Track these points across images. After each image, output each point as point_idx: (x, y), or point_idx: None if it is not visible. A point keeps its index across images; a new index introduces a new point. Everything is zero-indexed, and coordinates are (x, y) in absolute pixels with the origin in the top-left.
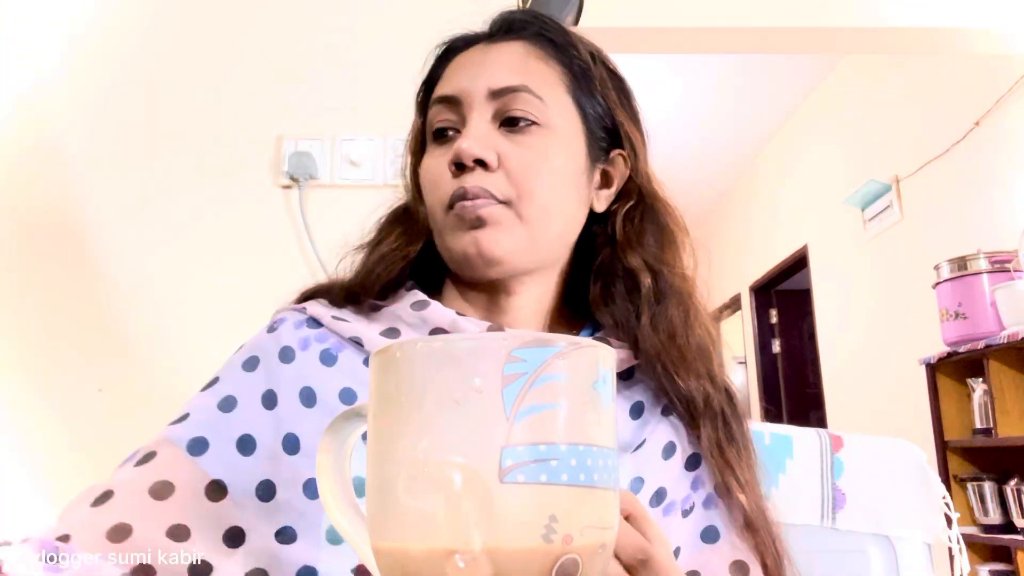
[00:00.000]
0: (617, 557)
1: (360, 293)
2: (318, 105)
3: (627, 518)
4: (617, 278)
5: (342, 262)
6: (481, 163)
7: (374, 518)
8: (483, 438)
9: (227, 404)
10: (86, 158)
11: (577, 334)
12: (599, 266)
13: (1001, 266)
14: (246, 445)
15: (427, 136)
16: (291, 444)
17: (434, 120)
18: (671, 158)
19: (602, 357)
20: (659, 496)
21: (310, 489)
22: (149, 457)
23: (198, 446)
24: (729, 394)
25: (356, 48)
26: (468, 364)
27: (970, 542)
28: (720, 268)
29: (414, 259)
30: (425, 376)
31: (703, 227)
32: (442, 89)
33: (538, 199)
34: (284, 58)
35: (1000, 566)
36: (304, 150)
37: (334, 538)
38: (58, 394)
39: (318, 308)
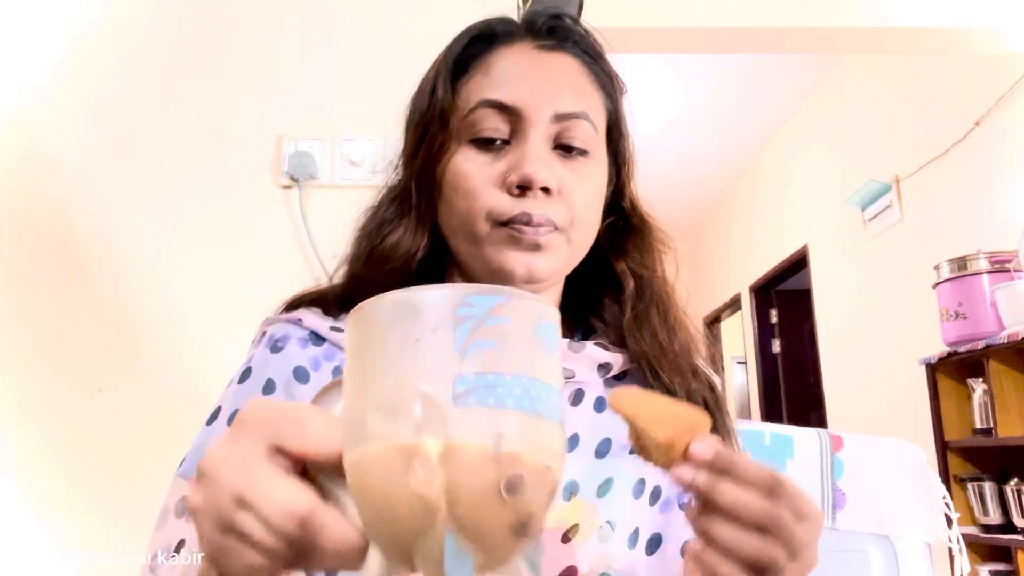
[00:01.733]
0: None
1: (354, 303)
2: (318, 105)
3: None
4: (604, 282)
5: (338, 269)
6: (544, 188)
7: (344, 446)
8: (439, 369)
9: None
10: (86, 158)
11: (571, 337)
12: (587, 272)
13: (1001, 266)
14: None
15: (457, 128)
16: None
17: (480, 123)
18: (672, 158)
19: (545, 311)
20: (655, 495)
21: None
22: None
23: None
24: (711, 387)
25: (356, 48)
26: (426, 310)
27: (970, 542)
28: (720, 268)
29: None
30: (390, 322)
31: (703, 227)
32: (496, 93)
33: (586, 226)
34: (284, 58)
35: (1000, 566)
36: (304, 150)
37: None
38: (58, 394)
39: (314, 319)
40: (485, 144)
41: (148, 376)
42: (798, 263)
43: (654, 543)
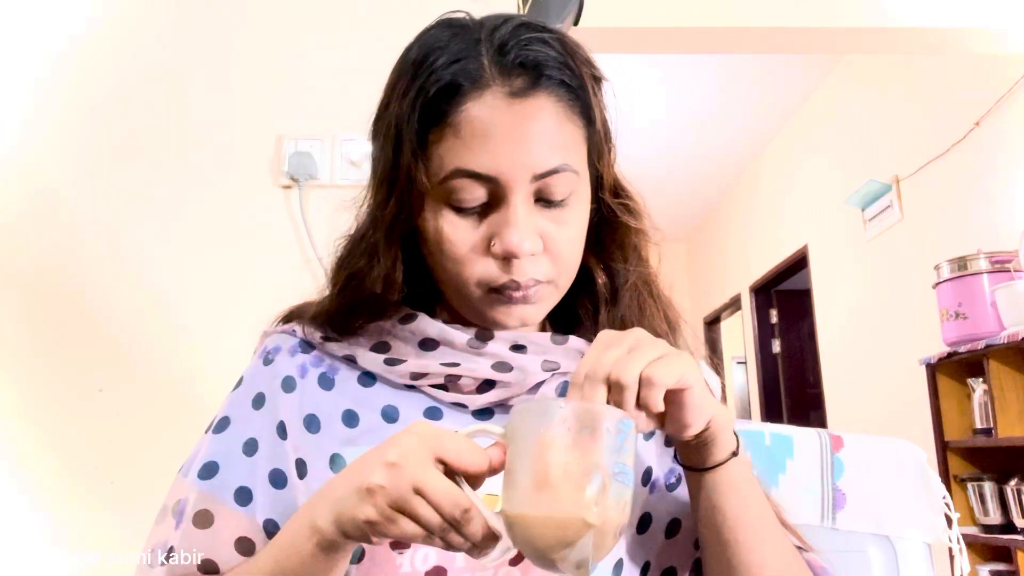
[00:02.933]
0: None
1: (346, 322)
2: (318, 105)
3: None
4: (585, 276)
5: (329, 275)
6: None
7: (525, 496)
8: (609, 456)
9: (250, 447)
10: (87, 158)
11: (555, 330)
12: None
13: (1001, 266)
14: (278, 480)
15: (430, 187)
16: (300, 469)
17: (457, 192)
18: (672, 158)
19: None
20: (647, 475)
21: None
22: (207, 518)
23: (243, 496)
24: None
25: (356, 48)
26: (606, 420)
27: (970, 542)
28: (720, 268)
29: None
30: (575, 419)
31: (703, 227)
32: (472, 162)
33: (571, 269)
34: (284, 58)
35: (1000, 566)
36: (304, 150)
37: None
38: (58, 394)
39: (307, 330)
40: (464, 209)
41: (148, 376)
42: (798, 263)
43: (645, 522)
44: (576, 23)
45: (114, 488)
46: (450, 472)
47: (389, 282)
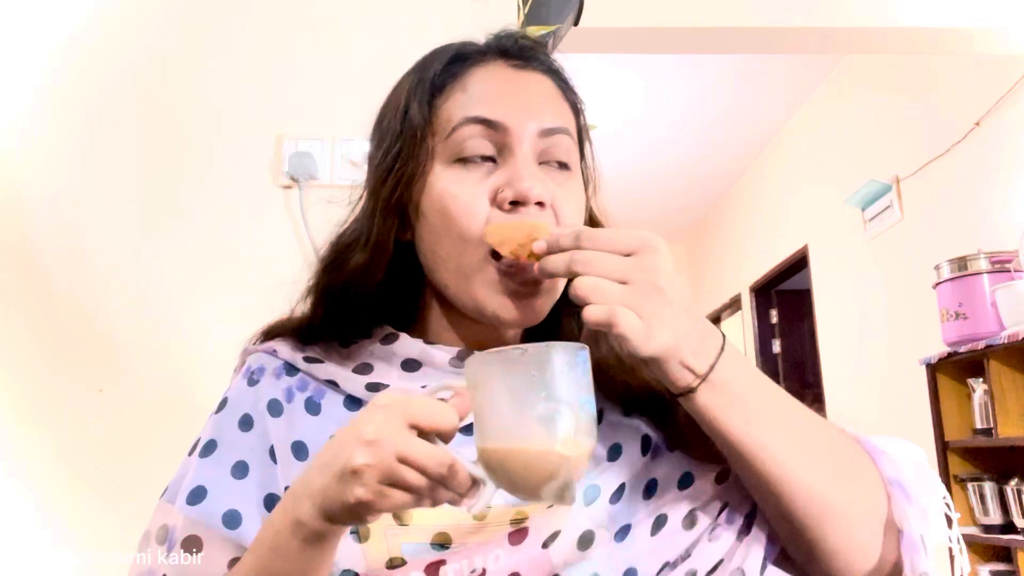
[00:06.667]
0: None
1: (325, 336)
2: (318, 105)
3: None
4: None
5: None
6: (538, 203)
7: (496, 429)
8: (574, 392)
9: (240, 470)
10: (86, 158)
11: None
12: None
13: (1001, 266)
14: (273, 504)
15: (437, 149)
16: None
17: (465, 141)
18: (673, 158)
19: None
20: (649, 488)
21: None
22: (196, 544)
23: (232, 520)
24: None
25: (356, 48)
26: (555, 359)
27: (970, 542)
28: (720, 268)
29: (380, 287)
30: (533, 364)
31: (703, 227)
32: (480, 110)
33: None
34: (284, 58)
35: (1000, 566)
36: (304, 150)
37: None
38: (58, 394)
39: (288, 351)
40: (471, 162)
41: (148, 376)
42: (798, 263)
43: (659, 524)
44: (576, 23)
45: (115, 487)
46: (423, 434)
47: (380, 249)
